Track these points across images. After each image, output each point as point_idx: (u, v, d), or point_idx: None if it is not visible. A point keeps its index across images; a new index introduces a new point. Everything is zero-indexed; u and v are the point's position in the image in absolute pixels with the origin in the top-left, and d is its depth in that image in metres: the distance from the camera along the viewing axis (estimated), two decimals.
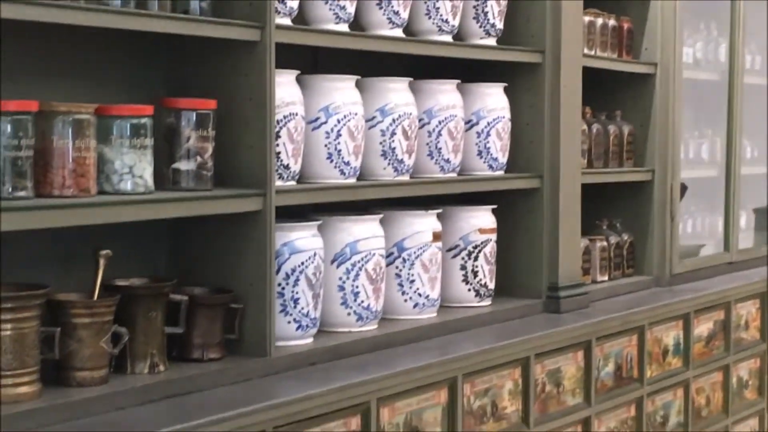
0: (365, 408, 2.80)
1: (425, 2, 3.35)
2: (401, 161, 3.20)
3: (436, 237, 3.34)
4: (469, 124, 3.52)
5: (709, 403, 4.26)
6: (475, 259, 3.51)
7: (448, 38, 3.42)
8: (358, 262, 3.09)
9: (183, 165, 2.68)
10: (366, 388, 2.80)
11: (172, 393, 2.57)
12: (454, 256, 3.50)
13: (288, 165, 2.88)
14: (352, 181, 3.09)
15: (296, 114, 2.89)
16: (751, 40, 5.01)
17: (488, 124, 3.53)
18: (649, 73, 4.26)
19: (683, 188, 4.40)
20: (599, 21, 4.04)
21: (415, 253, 3.29)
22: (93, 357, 2.48)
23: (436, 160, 3.37)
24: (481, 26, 3.55)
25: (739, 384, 4.45)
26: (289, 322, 2.90)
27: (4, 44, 2.44)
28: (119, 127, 2.52)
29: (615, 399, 3.74)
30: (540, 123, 3.67)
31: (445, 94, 3.39)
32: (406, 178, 3.25)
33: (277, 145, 2.82)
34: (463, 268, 3.51)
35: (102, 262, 2.56)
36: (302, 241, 2.92)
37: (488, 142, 3.54)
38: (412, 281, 3.29)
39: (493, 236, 3.56)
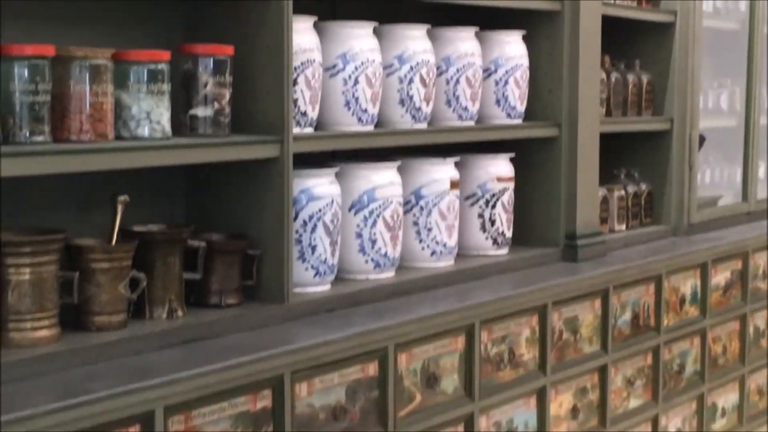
0: (383, 354, 2.81)
1: None
2: (419, 109, 3.19)
3: (454, 185, 3.33)
4: (488, 72, 3.50)
5: (726, 352, 4.26)
6: (493, 207, 3.51)
7: None
8: (376, 209, 3.09)
9: (200, 111, 2.68)
10: (383, 334, 2.81)
11: (190, 338, 2.58)
12: (472, 205, 3.50)
13: (305, 112, 2.88)
14: (370, 128, 3.08)
15: (314, 61, 2.88)
16: None
17: (506, 72, 3.52)
18: (668, 22, 4.23)
19: (701, 140, 4.38)
20: None
21: (432, 201, 3.29)
22: (111, 302, 2.50)
23: (454, 108, 3.36)
24: None
25: (755, 333, 4.45)
26: (306, 269, 2.91)
27: None
28: (136, 72, 2.51)
29: (632, 347, 3.74)
30: (558, 71, 3.65)
31: (464, 41, 3.37)
32: (423, 126, 3.24)
33: (295, 92, 2.82)
34: (481, 216, 3.51)
35: (119, 207, 2.57)
36: (320, 188, 2.92)
37: (506, 90, 3.52)
38: (430, 229, 3.30)
39: (511, 185, 3.55)
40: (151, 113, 2.52)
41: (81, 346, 2.38)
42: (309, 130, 2.91)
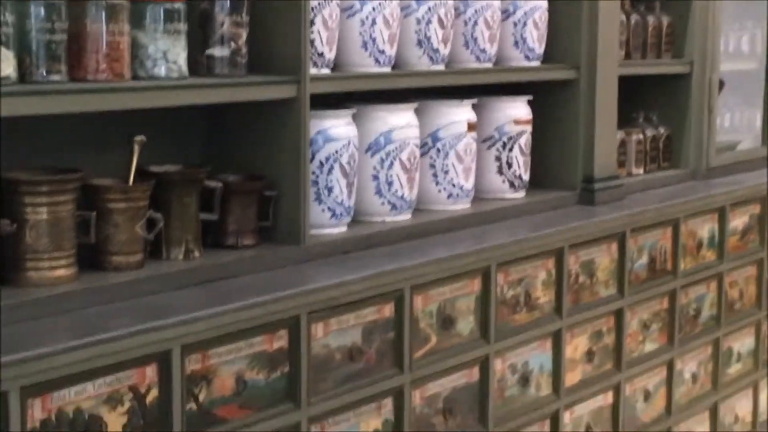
0: (399, 295, 2.82)
1: None
2: (436, 50, 3.17)
3: (471, 127, 3.32)
4: (506, 14, 3.47)
5: (742, 296, 4.26)
6: (510, 150, 3.49)
7: None
8: (393, 151, 3.08)
9: (217, 51, 2.66)
10: (399, 276, 2.81)
11: (206, 279, 2.59)
12: (489, 147, 3.49)
13: (322, 53, 2.86)
14: (387, 69, 3.06)
15: (331, 1, 2.86)
16: None
17: (525, 13, 3.49)
18: None
19: (720, 85, 4.34)
20: None
21: (449, 143, 3.28)
22: (128, 242, 2.50)
23: (472, 49, 3.34)
24: None
25: None
26: (323, 210, 2.91)
27: None
28: (153, 11, 2.50)
29: (648, 291, 3.74)
30: (577, 13, 3.62)
31: None
32: (441, 67, 3.22)
33: (312, 32, 2.80)
34: (498, 159, 3.49)
35: (136, 148, 2.56)
36: (336, 129, 2.91)
37: (525, 32, 3.50)
38: (447, 172, 3.29)
39: (529, 127, 3.54)
40: (168, 53, 2.51)
41: (98, 286, 2.39)
42: (326, 71, 2.89)
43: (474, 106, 3.34)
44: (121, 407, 2.22)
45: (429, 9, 3.14)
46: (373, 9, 2.99)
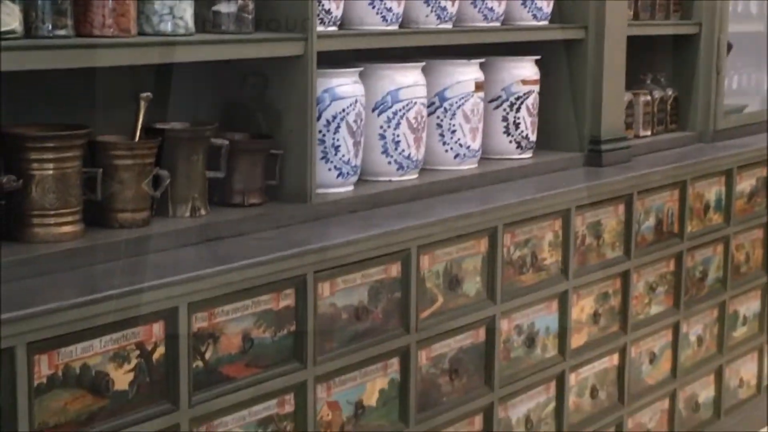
0: (405, 255, 2.80)
1: None
2: (444, 8, 3.15)
3: (478, 87, 3.30)
4: None
5: (749, 259, 4.25)
6: (517, 110, 3.47)
7: None
8: (400, 110, 3.06)
9: (224, 7, 2.64)
10: (406, 235, 2.80)
11: (212, 236, 2.58)
12: (496, 107, 3.47)
13: (329, 10, 2.84)
14: (395, 27, 3.04)
15: None
16: None
17: None
18: None
19: (728, 47, 4.31)
20: None
21: (456, 103, 3.26)
22: (135, 199, 2.49)
23: (480, 8, 3.31)
24: None
25: None
26: (329, 170, 2.90)
27: None
28: None
29: (654, 253, 3.73)
30: None
31: None
32: (449, 26, 3.20)
33: None
34: (505, 119, 3.48)
35: (143, 104, 2.55)
36: (343, 87, 2.89)
37: None
38: (453, 131, 3.27)
39: (536, 88, 3.51)
40: (174, 8, 2.48)
41: (104, 242, 2.37)
42: (333, 28, 2.87)
43: (481, 66, 3.32)
44: (127, 364, 2.21)
45: None
46: None
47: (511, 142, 3.49)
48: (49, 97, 2.50)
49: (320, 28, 2.78)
